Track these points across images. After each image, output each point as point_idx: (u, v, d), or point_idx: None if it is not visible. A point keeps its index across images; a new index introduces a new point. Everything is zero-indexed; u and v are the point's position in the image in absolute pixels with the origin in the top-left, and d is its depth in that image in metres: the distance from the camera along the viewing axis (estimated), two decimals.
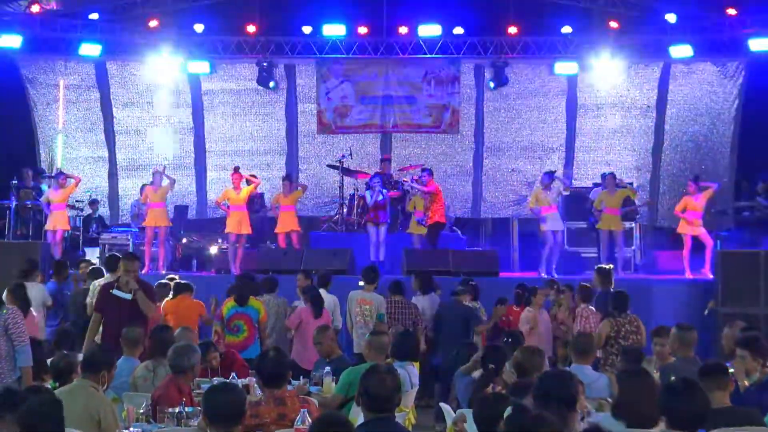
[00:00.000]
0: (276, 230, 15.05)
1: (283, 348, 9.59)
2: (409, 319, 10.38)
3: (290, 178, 15.71)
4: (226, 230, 14.51)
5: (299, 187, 15.68)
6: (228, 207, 14.53)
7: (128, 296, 8.26)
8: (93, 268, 11.21)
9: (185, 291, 9.86)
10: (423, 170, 14.94)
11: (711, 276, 13.26)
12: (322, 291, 10.47)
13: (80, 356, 6.60)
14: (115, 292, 8.32)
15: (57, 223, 14.56)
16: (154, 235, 14.62)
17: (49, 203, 14.75)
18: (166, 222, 14.69)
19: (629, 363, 7.08)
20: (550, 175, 14.47)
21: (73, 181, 14.96)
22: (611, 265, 11.31)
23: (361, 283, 10.59)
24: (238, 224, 14.33)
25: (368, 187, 15.39)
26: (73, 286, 11.46)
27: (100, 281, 10.19)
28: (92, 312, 8.84)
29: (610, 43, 18.18)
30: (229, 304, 9.75)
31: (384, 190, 14.84)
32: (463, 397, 6.91)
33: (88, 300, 10.25)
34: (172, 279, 10.60)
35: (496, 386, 6.13)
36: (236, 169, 14.80)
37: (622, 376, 5.04)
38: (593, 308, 10.08)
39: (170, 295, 10.00)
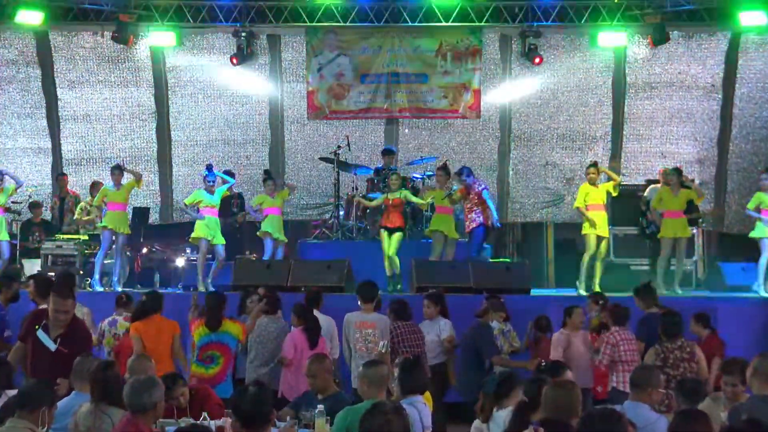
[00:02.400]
0: (259, 233, 15.04)
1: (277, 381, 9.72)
2: (418, 348, 10.38)
3: (272, 176, 15.76)
4: (193, 235, 14.51)
5: (286, 186, 15.69)
6: (198, 211, 14.54)
7: (52, 346, 7.97)
8: (42, 281, 11.10)
9: (157, 309, 9.82)
10: (465, 174, 14.83)
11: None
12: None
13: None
14: (40, 335, 8.05)
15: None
16: (112, 243, 14.64)
17: None
18: (126, 228, 14.73)
19: (685, 399, 7.04)
20: (597, 168, 14.46)
21: (13, 185, 14.99)
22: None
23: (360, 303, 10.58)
24: (210, 232, 14.36)
25: (381, 185, 15.65)
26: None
27: None
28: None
29: (666, 8, 18.16)
30: (199, 330, 9.71)
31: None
32: None
33: None
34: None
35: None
36: (209, 168, 14.81)
37: (676, 418, 5.01)
38: (629, 333, 10.05)
39: (130, 315, 9.96)
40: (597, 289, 13.61)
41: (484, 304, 10.81)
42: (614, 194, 14.45)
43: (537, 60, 18.68)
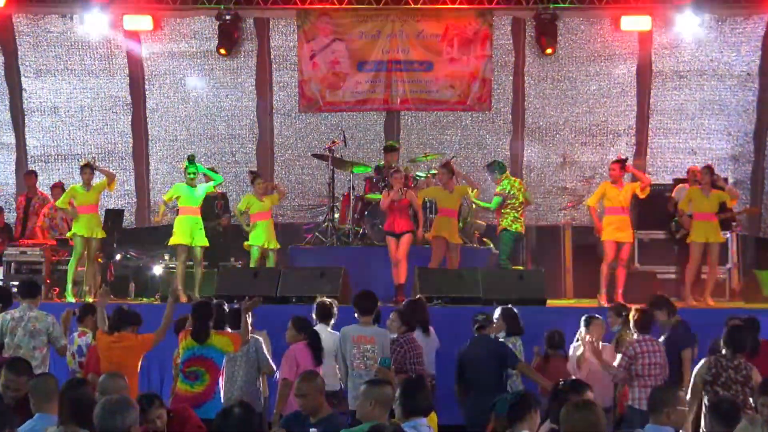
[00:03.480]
0: (248, 243, 15.07)
1: (252, 402, 9.65)
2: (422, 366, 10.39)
3: (260, 175, 15.79)
4: (170, 241, 14.58)
5: (274, 191, 15.67)
6: (177, 210, 14.58)
7: None
8: None
9: (129, 325, 9.80)
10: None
11: None
12: (321, 327, 10.47)
13: None
14: None
15: None
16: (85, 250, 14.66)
17: None
18: (99, 231, 14.76)
19: (721, 422, 7.00)
20: (623, 166, 14.46)
21: None
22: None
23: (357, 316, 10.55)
24: (190, 234, 14.40)
25: (381, 184, 15.68)
26: None
27: (12, 313, 10.25)
28: None
29: None
30: (185, 342, 9.72)
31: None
32: None
33: None
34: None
35: None
36: (191, 160, 14.81)
37: None
38: (656, 344, 10.03)
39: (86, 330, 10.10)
40: (620, 300, 13.60)
41: (478, 316, 10.76)
42: (642, 196, 14.44)
43: (549, 50, 18.65)
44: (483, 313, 10.83)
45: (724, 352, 9.17)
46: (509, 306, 11.46)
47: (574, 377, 9.60)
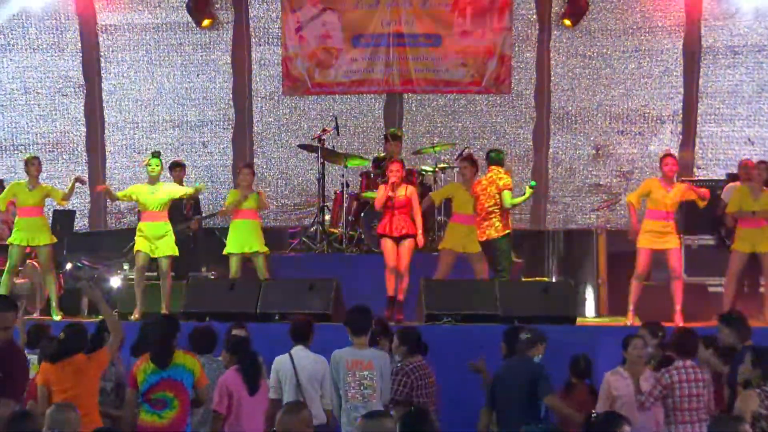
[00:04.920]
0: (227, 250, 15.00)
1: None
2: (430, 396, 10.43)
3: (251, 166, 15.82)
4: (135, 248, 14.61)
5: (259, 193, 15.67)
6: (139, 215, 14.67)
7: None
8: None
9: (79, 349, 9.77)
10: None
11: None
12: (299, 348, 10.43)
13: None
14: None
15: None
16: (24, 260, 14.72)
17: None
18: (46, 237, 14.75)
19: None
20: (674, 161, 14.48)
21: None
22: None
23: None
24: (150, 242, 14.46)
25: (379, 180, 15.70)
26: None
27: None
28: None
29: None
30: (144, 366, 9.74)
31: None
32: None
33: None
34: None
35: None
36: (156, 155, 14.85)
37: None
38: (699, 372, 9.98)
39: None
40: (679, 319, 13.64)
41: (526, 334, 10.75)
42: (701, 205, 14.44)
43: (568, 21, 18.60)
44: (530, 331, 10.77)
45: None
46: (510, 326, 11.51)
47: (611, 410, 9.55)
